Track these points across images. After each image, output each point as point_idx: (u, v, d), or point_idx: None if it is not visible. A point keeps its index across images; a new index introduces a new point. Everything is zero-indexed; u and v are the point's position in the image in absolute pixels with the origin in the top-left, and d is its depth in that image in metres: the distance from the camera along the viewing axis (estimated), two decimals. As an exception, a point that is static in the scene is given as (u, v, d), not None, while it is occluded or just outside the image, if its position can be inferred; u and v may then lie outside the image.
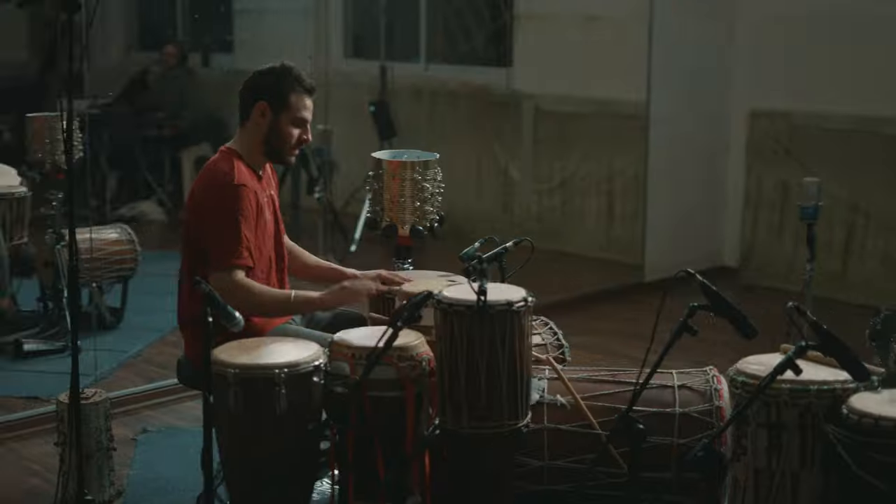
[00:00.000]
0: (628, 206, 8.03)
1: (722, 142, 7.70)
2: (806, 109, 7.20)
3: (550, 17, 8.34)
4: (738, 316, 3.26)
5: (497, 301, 3.26)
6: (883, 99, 6.81)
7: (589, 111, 8.16)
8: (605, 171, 8.18)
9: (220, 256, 3.62)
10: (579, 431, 3.60)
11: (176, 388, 5.31)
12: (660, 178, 7.50)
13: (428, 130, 9.10)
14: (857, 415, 3.06)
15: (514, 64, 8.72)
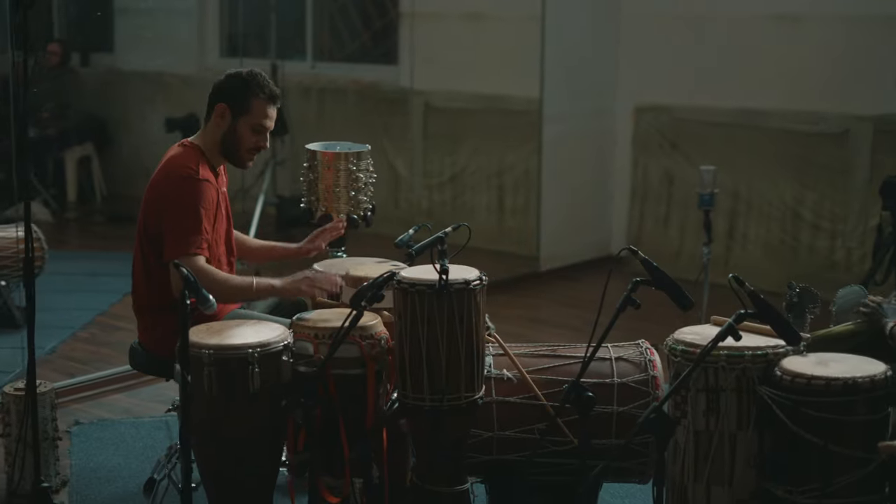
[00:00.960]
0: (519, 200, 8.29)
1: (609, 136, 8.03)
2: (689, 104, 7.57)
3: (436, 14, 8.55)
4: (675, 289, 3.52)
5: (456, 280, 3.45)
6: (762, 93, 7.23)
7: (478, 107, 8.40)
8: (496, 165, 8.42)
9: (180, 244, 3.72)
10: (526, 403, 3.81)
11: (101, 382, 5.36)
12: (552, 171, 7.78)
13: (318, 127, 9.22)
14: (790, 376, 3.34)
15: (401, 61, 8.93)
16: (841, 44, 6.93)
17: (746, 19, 7.28)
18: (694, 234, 7.66)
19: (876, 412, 3.31)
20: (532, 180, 8.13)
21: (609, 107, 7.98)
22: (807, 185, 7.17)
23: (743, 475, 3.49)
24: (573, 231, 7.93)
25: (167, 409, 4.21)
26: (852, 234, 7.01)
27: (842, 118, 6.97)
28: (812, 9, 7.02)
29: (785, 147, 7.20)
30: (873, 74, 6.84)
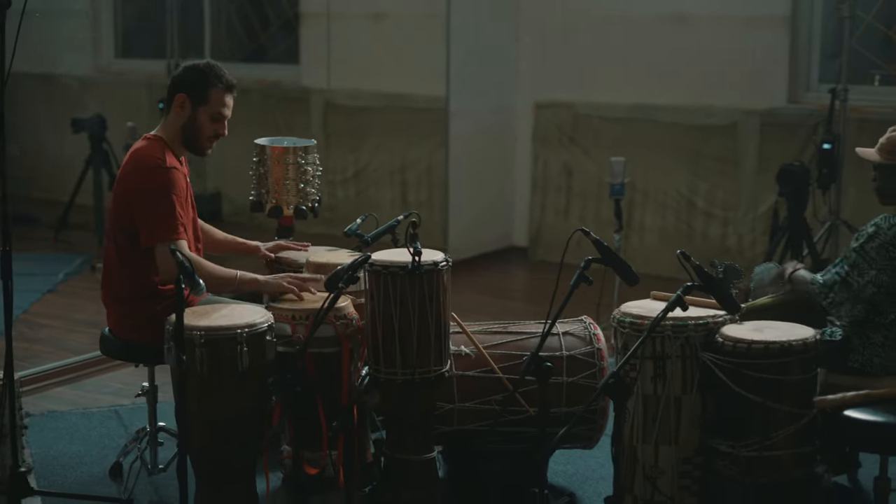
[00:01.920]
0: (422, 195, 8.57)
1: (510, 132, 8.36)
2: (587, 100, 7.95)
3: (338, 14, 8.77)
4: (623, 266, 3.85)
5: (426, 262, 3.71)
6: (656, 89, 7.65)
7: (381, 105, 8.65)
8: (399, 162, 8.68)
9: (158, 230, 3.88)
10: (483, 377, 4.10)
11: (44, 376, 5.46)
12: (458, 166, 8.07)
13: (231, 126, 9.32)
14: (732, 342, 3.69)
15: (302, 61, 9.13)
16: (730, 42, 7.38)
17: (641, 19, 7.68)
18: (593, 224, 8.02)
19: (807, 372, 3.68)
20: (435, 175, 8.42)
21: (510, 103, 8.30)
22: (699, 176, 7.61)
23: (688, 434, 3.83)
24: (478, 223, 8.24)
25: (136, 394, 4.35)
26: (743, 221, 7.48)
27: (731, 112, 7.42)
28: (703, 10, 7.46)
29: (678, 140, 7.63)
30: (760, 71, 7.32)
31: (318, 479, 3.77)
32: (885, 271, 3.86)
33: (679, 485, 3.84)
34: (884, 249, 3.87)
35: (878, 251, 3.88)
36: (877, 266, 3.86)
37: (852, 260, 3.94)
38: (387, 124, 8.65)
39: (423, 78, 8.27)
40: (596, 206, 8.02)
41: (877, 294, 3.87)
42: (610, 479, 4.27)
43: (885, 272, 3.86)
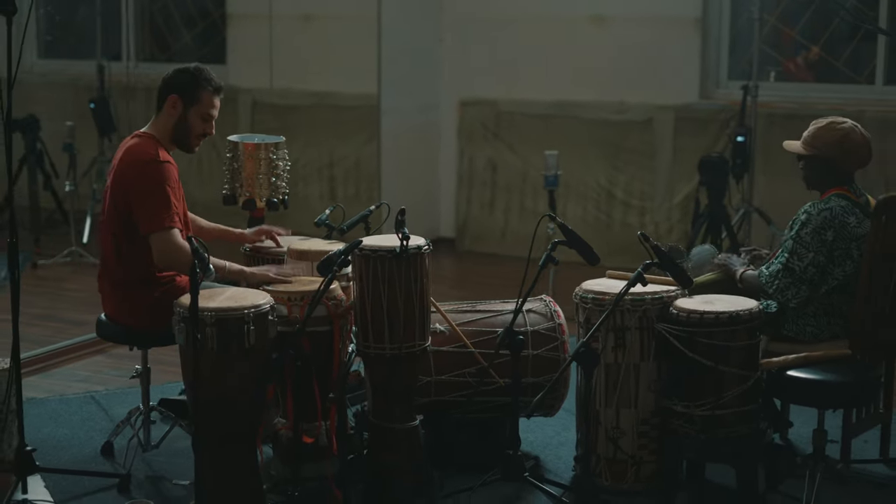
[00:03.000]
0: (350, 189, 8.89)
1: (436, 128, 8.74)
2: (510, 98, 8.37)
3: (264, 16, 9.02)
4: (585, 247, 4.26)
5: (411, 246, 4.07)
6: (576, 86, 8.10)
7: (308, 103, 8.94)
8: (327, 158, 8.99)
9: (154, 220, 4.16)
10: (457, 351, 4.47)
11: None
12: (387, 162, 8.41)
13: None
14: (685, 313, 4.12)
15: (229, 61, 9.37)
16: (645, 42, 7.87)
17: (561, 20, 8.13)
18: (517, 216, 8.48)
19: (752, 338, 4.13)
20: (363, 170, 8.76)
21: (436, 101, 8.67)
22: (618, 168, 8.09)
23: (645, 398, 4.25)
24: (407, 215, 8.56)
25: (131, 376, 4.61)
26: (659, 210, 7.98)
27: (647, 108, 7.91)
28: (619, 11, 7.93)
29: (597, 134, 8.09)
30: (674, 69, 7.82)
31: (312, 447, 4.09)
32: (820, 252, 4.31)
33: (638, 444, 4.27)
34: (816, 233, 4.33)
35: (812, 235, 4.33)
36: (813, 249, 4.32)
37: (790, 247, 4.39)
38: (315, 122, 8.94)
39: (351, 77, 8.58)
40: (520, 198, 8.45)
41: (816, 274, 4.33)
42: (569, 445, 4.71)
43: (820, 253, 4.32)
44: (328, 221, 4.94)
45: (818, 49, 7.81)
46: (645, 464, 4.28)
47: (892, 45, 7.32)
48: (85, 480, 4.38)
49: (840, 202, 4.36)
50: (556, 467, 4.57)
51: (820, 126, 4.42)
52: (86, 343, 6.06)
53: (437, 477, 4.28)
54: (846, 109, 6.62)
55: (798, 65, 7.99)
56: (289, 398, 4.05)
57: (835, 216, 4.33)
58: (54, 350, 5.92)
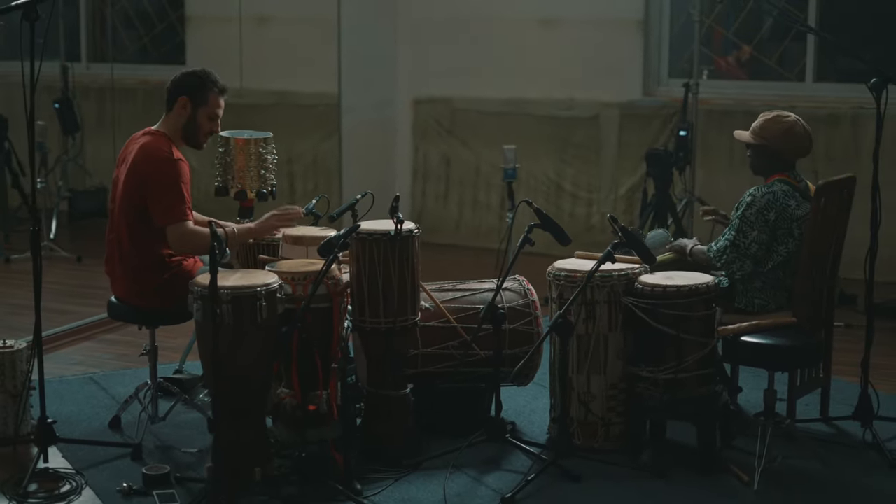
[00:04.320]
0: (309, 185, 9.27)
1: (392, 125, 9.15)
2: (462, 95, 8.81)
3: (223, 18, 9.36)
4: (558, 230, 4.71)
5: (405, 230, 4.49)
6: (526, 84, 8.56)
7: (268, 102, 9.30)
8: (285, 155, 9.31)
9: (172, 213, 4.55)
10: (441, 326, 4.89)
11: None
12: (345, 157, 8.80)
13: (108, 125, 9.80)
14: (649, 287, 4.59)
15: (188, 62, 9.69)
16: (591, 43, 8.36)
17: (511, 22, 8.59)
18: (471, 208, 8.92)
19: (709, 309, 4.61)
20: (320, 166, 9.15)
21: (391, 100, 9.09)
22: (566, 162, 8.57)
23: (613, 365, 4.71)
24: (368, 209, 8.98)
25: (140, 354, 4.97)
26: (605, 202, 8.47)
27: (593, 105, 8.40)
28: (567, 13, 8.41)
29: (546, 130, 8.57)
30: (618, 68, 8.32)
31: (314, 414, 4.48)
32: (763, 231, 4.81)
33: (608, 406, 4.73)
34: (760, 214, 4.82)
35: (756, 216, 4.83)
36: (757, 227, 4.81)
37: (736, 226, 4.88)
38: (274, 120, 9.28)
39: (309, 76, 8.97)
40: (473, 192, 8.90)
41: (759, 251, 4.82)
42: (540, 412, 5.16)
43: (763, 231, 4.82)
44: (315, 210, 5.34)
45: (749, 48, 8.35)
46: (614, 425, 4.74)
47: (821, 44, 7.88)
48: (99, 450, 4.73)
49: (782, 186, 4.86)
50: (531, 431, 5.02)
51: (768, 118, 4.92)
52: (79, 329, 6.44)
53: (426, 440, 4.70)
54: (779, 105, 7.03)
55: (729, 63, 8.54)
56: (293, 369, 4.43)
57: (777, 198, 4.83)
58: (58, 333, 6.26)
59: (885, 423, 4.93)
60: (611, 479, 4.50)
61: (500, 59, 8.63)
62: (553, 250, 5.21)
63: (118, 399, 5.30)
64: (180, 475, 4.46)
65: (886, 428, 4.93)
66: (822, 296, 4.91)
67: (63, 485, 4.42)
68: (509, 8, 8.59)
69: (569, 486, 4.43)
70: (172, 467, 4.50)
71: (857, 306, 6.78)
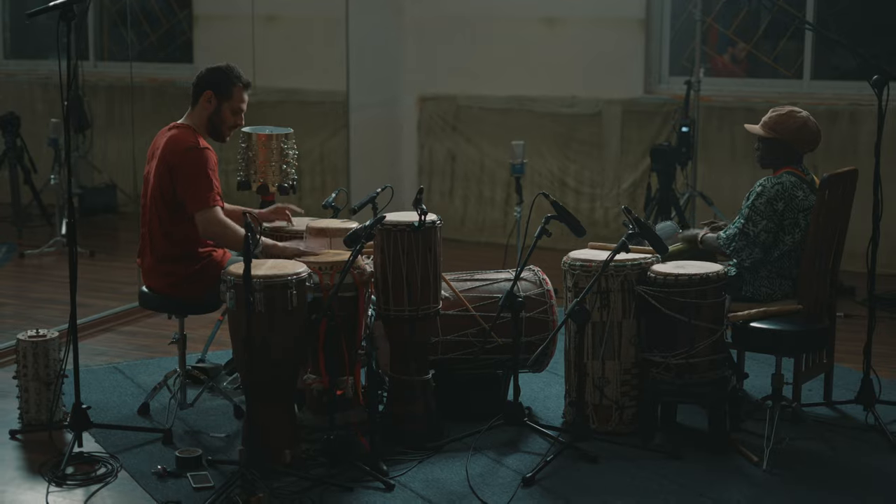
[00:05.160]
0: (316, 181, 9.45)
1: (398, 123, 9.33)
2: (467, 93, 8.99)
3: (230, 17, 9.52)
4: (573, 221, 4.89)
5: (428, 221, 4.67)
6: (530, 82, 8.75)
7: (276, 100, 9.46)
8: (293, 151, 9.51)
9: (200, 200, 4.72)
10: (460, 314, 5.07)
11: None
12: (352, 154, 8.98)
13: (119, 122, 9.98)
14: (662, 276, 4.77)
15: (196, 60, 9.86)
16: (594, 41, 8.54)
17: (514, 21, 8.77)
18: (476, 203, 9.10)
19: (719, 297, 4.80)
20: (327, 163, 9.32)
21: (397, 97, 9.26)
22: (569, 158, 8.75)
23: (626, 351, 4.90)
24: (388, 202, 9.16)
25: (169, 341, 5.15)
26: (608, 197, 8.66)
27: (596, 102, 8.59)
28: (569, 13, 8.60)
29: (550, 127, 8.75)
30: (620, 66, 8.50)
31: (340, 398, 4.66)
32: (771, 220, 5.01)
33: (621, 391, 4.91)
34: (769, 203, 5.02)
35: (766, 205, 5.02)
36: (765, 217, 5.01)
37: (746, 215, 5.07)
38: (282, 117, 9.45)
39: (317, 75, 9.14)
40: (478, 187, 9.08)
41: (767, 239, 5.02)
42: (554, 398, 5.34)
43: (772, 221, 5.01)
44: (334, 203, 5.52)
45: (747, 46, 8.54)
46: (627, 408, 4.92)
47: (819, 42, 8.08)
48: (130, 435, 4.90)
49: (790, 178, 5.06)
50: (546, 416, 5.20)
51: (781, 114, 5.11)
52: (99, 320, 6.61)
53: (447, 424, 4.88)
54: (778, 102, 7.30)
55: (725, 61, 8.73)
56: (321, 355, 4.60)
57: (786, 189, 5.02)
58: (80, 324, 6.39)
59: (886, 407, 5.13)
60: (626, 459, 4.68)
61: (503, 57, 8.82)
62: (562, 243, 5.40)
63: (143, 387, 5.47)
64: (212, 458, 4.62)
65: (887, 411, 5.13)
66: (826, 284, 5.10)
67: (99, 468, 4.59)
68: (513, 7, 8.77)
69: (586, 467, 4.61)
70: (203, 451, 4.67)
71: (855, 297, 6.99)
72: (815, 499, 4.38)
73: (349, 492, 4.36)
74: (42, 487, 4.42)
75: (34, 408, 5.00)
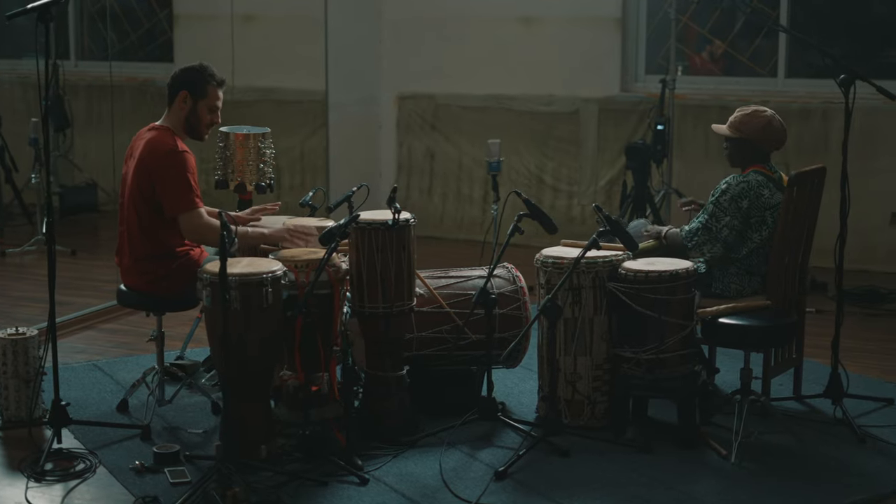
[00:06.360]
0: (296, 179, 9.51)
1: (376, 121, 9.39)
2: (445, 92, 9.06)
3: (210, 16, 9.58)
4: (545, 218, 4.97)
5: (402, 219, 4.74)
6: (507, 81, 8.82)
7: (255, 99, 9.51)
8: (272, 149, 9.56)
9: (181, 202, 4.78)
10: (435, 311, 5.15)
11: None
12: (332, 152, 9.04)
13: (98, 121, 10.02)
14: (633, 272, 4.85)
15: (176, 59, 9.91)
16: (570, 40, 8.62)
17: (492, 20, 8.85)
18: (455, 200, 9.18)
19: (689, 293, 4.88)
20: (307, 161, 9.39)
21: (376, 96, 9.33)
22: (547, 156, 8.84)
23: (598, 347, 4.98)
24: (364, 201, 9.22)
25: (147, 339, 5.21)
26: (585, 194, 8.74)
27: (573, 100, 8.67)
28: (546, 12, 8.67)
29: (527, 125, 8.83)
30: (597, 65, 8.59)
31: (316, 394, 4.73)
32: (735, 217, 5.10)
33: (593, 386, 4.99)
34: (734, 201, 5.11)
35: (730, 202, 5.11)
36: (729, 213, 5.10)
37: (710, 211, 5.17)
38: (261, 116, 9.50)
39: (296, 74, 9.20)
40: (456, 185, 9.15)
41: (730, 235, 5.11)
42: (528, 393, 5.42)
43: (736, 218, 5.10)
44: (311, 202, 5.58)
45: (722, 44, 8.63)
46: (599, 403, 5.00)
47: (793, 41, 8.18)
48: (109, 432, 4.95)
49: (757, 177, 5.15)
50: (520, 411, 5.27)
51: (746, 113, 5.20)
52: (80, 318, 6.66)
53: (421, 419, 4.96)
54: (752, 101, 7.41)
55: (703, 59, 8.82)
56: (297, 352, 4.67)
57: (751, 188, 5.11)
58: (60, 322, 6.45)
59: (854, 401, 5.22)
60: (597, 453, 4.76)
61: (481, 56, 8.89)
62: (535, 240, 5.47)
63: (122, 384, 5.53)
64: (189, 454, 4.68)
65: (856, 405, 5.22)
66: (794, 280, 5.19)
67: (78, 463, 4.64)
68: (490, 7, 8.85)
69: (558, 461, 4.69)
70: (181, 447, 4.73)
71: (827, 293, 7.08)
72: (783, 491, 4.47)
73: (324, 486, 4.43)
74: (21, 483, 4.48)
75: (14, 405, 5.06)
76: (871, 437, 4.94)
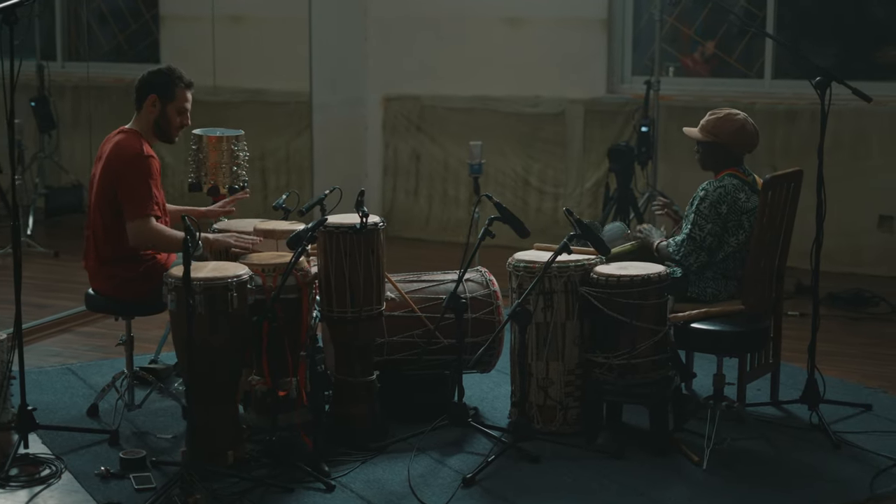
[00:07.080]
0: (282, 180, 9.47)
1: (362, 122, 9.35)
2: (431, 93, 9.02)
3: (196, 18, 9.52)
4: (517, 223, 4.92)
5: (370, 223, 4.69)
6: (493, 82, 8.78)
7: (240, 100, 9.47)
8: (258, 150, 9.51)
9: (136, 208, 4.74)
10: (406, 315, 5.10)
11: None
12: (317, 154, 9.00)
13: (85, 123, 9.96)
14: (604, 277, 4.80)
15: (162, 59, 9.85)
16: (557, 41, 8.58)
17: (478, 21, 8.80)
18: (440, 202, 9.13)
19: (661, 298, 4.83)
20: (293, 162, 9.34)
21: (362, 97, 9.29)
22: (533, 157, 8.79)
23: (571, 352, 4.93)
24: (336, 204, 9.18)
25: (117, 343, 5.16)
26: (571, 196, 8.69)
27: (559, 102, 8.62)
28: (533, 13, 8.63)
29: (513, 126, 8.78)
30: (583, 66, 8.54)
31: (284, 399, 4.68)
32: (716, 223, 5.05)
33: (565, 391, 4.94)
34: (713, 207, 5.06)
35: (710, 209, 5.06)
36: (710, 220, 5.05)
37: (692, 219, 5.11)
38: (247, 117, 9.47)
39: (281, 75, 9.16)
40: (442, 187, 9.11)
41: (713, 242, 5.06)
42: (502, 398, 5.37)
43: (716, 224, 5.05)
44: (284, 205, 5.53)
45: (710, 45, 8.58)
46: (571, 409, 4.95)
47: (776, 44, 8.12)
48: (77, 437, 4.91)
49: (732, 181, 5.10)
50: (493, 416, 5.23)
51: (719, 116, 5.15)
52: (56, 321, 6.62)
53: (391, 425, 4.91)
54: (739, 102, 7.39)
55: (695, 60, 8.77)
56: (264, 357, 4.62)
57: (728, 192, 5.06)
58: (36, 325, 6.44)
59: (830, 407, 5.17)
60: (569, 459, 4.71)
61: (467, 57, 8.84)
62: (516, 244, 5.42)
63: (95, 388, 5.48)
64: (155, 459, 4.64)
65: (833, 410, 5.17)
66: (770, 284, 5.14)
67: (43, 469, 4.60)
68: (476, 7, 8.80)
69: (528, 467, 4.64)
70: (148, 452, 4.69)
71: (813, 296, 7.02)
72: (754, 497, 4.42)
73: (289, 493, 4.39)
74: (-15, 489, 4.45)
75: (7, 405, 5.01)
76: (846, 444, 4.89)
